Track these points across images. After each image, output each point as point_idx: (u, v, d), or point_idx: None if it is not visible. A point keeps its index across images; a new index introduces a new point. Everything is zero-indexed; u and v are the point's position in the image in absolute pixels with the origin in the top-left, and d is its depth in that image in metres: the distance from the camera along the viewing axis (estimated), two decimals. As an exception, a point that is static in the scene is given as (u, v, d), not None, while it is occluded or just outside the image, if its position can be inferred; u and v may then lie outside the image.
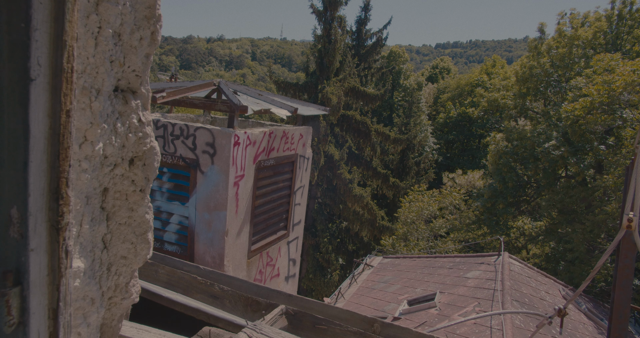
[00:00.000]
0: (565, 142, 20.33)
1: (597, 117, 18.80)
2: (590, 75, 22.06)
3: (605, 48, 27.01)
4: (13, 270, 0.79)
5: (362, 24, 28.59)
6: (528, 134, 22.79)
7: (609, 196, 17.88)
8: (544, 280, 13.14)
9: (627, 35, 27.55)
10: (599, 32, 27.21)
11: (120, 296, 1.20)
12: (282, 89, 22.99)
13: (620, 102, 19.14)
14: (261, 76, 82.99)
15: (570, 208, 19.25)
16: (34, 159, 0.75)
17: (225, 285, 2.55)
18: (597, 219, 16.16)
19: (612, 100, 18.74)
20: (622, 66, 19.76)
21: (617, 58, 20.80)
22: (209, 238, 5.42)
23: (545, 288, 12.36)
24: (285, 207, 6.70)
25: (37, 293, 0.81)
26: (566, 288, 13.10)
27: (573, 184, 20.16)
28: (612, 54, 21.29)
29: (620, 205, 2.46)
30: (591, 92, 19.08)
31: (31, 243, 0.78)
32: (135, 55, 1.00)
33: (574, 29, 27.35)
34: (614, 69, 20.02)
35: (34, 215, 0.78)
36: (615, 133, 20.31)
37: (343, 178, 21.42)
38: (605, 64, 21.18)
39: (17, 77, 0.71)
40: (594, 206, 17.65)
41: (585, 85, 20.92)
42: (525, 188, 23.15)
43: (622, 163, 17.38)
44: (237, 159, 5.29)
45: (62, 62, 0.75)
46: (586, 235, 16.52)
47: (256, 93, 6.30)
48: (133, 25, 0.99)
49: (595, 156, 19.17)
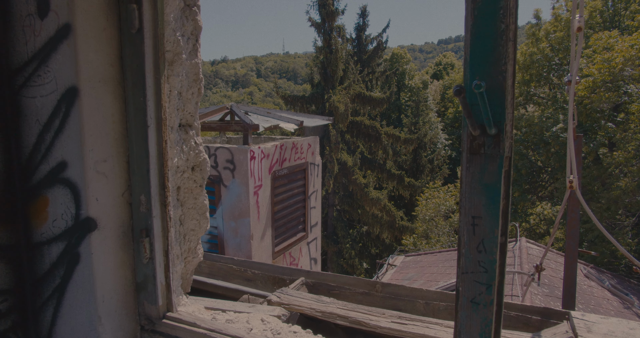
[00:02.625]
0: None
1: (601, 95, 19.01)
2: (591, 55, 22.16)
3: (604, 26, 27.09)
4: (145, 228, 1.47)
5: (361, 30, 29.20)
6: (536, 120, 23.00)
7: (623, 172, 18.02)
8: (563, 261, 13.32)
9: (625, 11, 27.61)
10: (594, 11, 27.32)
11: (191, 256, 1.87)
12: (290, 103, 23.64)
13: (624, 78, 19.27)
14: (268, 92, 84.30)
15: (586, 188, 19.42)
16: (152, 168, 1.43)
17: (256, 269, 3.20)
18: (611, 196, 16.35)
19: (614, 77, 18.93)
20: (620, 42, 19.92)
21: (616, 35, 20.98)
22: (237, 243, 6.11)
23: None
24: (302, 211, 7.37)
25: (157, 241, 1.49)
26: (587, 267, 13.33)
27: (587, 164, 20.32)
28: (610, 32, 21.52)
29: (633, 179, 3.07)
30: (592, 72, 19.32)
31: (153, 213, 1.46)
32: (190, 104, 1.67)
33: (569, 12, 27.45)
34: (613, 46, 20.18)
35: (153, 197, 1.46)
36: (623, 108, 20.40)
37: (358, 183, 21.93)
38: (604, 42, 21.32)
39: (140, 125, 1.40)
40: (608, 183, 17.82)
41: (586, 65, 21.11)
42: (540, 174, 23.34)
43: (632, 138, 17.53)
44: (254, 171, 5.98)
45: (160, 115, 1.43)
46: (603, 213, 16.71)
47: (265, 111, 7.02)
48: (187, 86, 1.66)
49: (605, 134, 19.32)
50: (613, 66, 18.82)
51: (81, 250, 1.41)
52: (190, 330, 1.46)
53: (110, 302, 1.48)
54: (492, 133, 0.95)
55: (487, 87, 0.95)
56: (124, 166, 1.47)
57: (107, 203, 1.42)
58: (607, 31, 22.68)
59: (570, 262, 2.76)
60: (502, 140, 0.96)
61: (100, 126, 1.37)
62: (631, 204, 16.57)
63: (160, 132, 1.43)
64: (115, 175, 1.44)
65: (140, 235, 1.46)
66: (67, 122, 1.34)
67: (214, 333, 1.42)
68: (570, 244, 2.81)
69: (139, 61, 1.37)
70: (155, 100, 1.41)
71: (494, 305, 1.01)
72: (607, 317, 2.27)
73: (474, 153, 0.99)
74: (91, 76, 1.33)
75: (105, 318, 1.46)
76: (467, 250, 1.01)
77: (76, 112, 1.32)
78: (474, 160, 0.99)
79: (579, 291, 9.51)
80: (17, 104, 1.42)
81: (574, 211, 2.83)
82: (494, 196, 0.98)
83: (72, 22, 1.28)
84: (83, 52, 1.31)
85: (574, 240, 2.80)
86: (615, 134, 18.75)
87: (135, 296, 1.55)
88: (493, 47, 0.96)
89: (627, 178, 16.63)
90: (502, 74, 0.96)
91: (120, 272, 1.51)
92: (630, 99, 19.01)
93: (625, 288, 12.99)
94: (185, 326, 1.48)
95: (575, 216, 2.84)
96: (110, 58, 1.39)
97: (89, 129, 1.34)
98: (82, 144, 1.33)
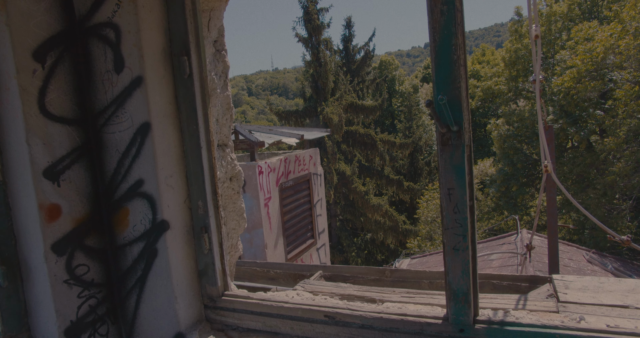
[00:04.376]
0: (562, 114, 21.01)
1: (586, 85, 19.55)
2: (573, 46, 22.67)
3: (583, 18, 27.73)
4: (204, 226, 1.90)
5: (348, 41, 29.80)
6: (526, 114, 23.49)
7: (615, 157, 18.44)
8: (566, 249, 13.68)
9: (603, 1, 28.31)
10: (573, 4, 28.00)
11: (234, 250, 2.29)
12: (284, 119, 24.09)
13: (607, 66, 19.76)
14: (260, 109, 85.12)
15: (582, 176, 19.85)
16: (206, 179, 1.87)
17: (277, 269, 3.62)
18: (606, 181, 16.78)
19: (597, 66, 19.46)
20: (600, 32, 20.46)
21: (595, 25, 21.61)
22: (252, 253, 6.51)
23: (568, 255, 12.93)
24: (309, 219, 7.78)
25: (214, 235, 1.92)
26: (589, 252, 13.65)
27: (579, 152, 20.76)
28: (590, 23, 22.17)
29: (627, 163, 3.50)
30: (575, 63, 19.87)
31: (209, 214, 1.89)
32: (225, 127, 2.11)
33: (548, 7, 28.11)
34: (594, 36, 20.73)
35: (208, 202, 1.89)
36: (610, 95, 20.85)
37: (358, 191, 22.29)
38: (584, 33, 21.90)
39: (195, 146, 1.84)
40: (602, 169, 18.28)
41: (569, 57, 21.66)
42: (537, 166, 23.82)
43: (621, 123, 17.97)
44: (263, 185, 6.40)
45: (209, 138, 1.87)
46: (601, 199, 17.12)
47: (267, 129, 7.48)
48: (222, 113, 2.10)
49: (595, 122, 19.79)
50: (595, 55, 19.33)
51: (158, 246, 1.84)
52: (245, 302, 1.88)
53: (182, 285, 1.90)
54: (454, 129, 1.39)
55: (448, 99, 1.39)
56: (184, 180, 1.90)
57: (175, 208, 1.86)
58: (587, 22, 23.31)
59: (552, 235, 3.18)
60: (462, 134, 1.40)
61: (166, 150, 1.81)
62: (627, 187, 16.98)
63: (210, 151, 1.87)
64: (179, 187, 1.88)
65: (201, 232, 1.89)
66: (143, 149, 1.77)
67: (264, 302, 1.84)
68: (550, 220, 3.24)
69: (191, 98, 1.82)
70: (205, 127, 1.85)
71: (469, 249, 1.44)
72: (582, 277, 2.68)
73: (444, 144, 1.43)
74: (158, 113, 1.78)
75: (179, 298, 1.88)
76: (446, 212, 1.44)
77: (149, 141, 1.76)
78: (444, 149, 1.43)
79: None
80: (99, 139, 1.86)
81: (551, 192, 3.26)
82: (461, 173, 1.41)
83: (143, 75, 1.73)
84: (151, 95, 1.75)
85: (554, 216, 3.23)
86: (604, 121, 19.20)
87: (198, 281, 1.97)
88: (450, 71, 1.41)
89: (621, 162, 17.08)
90: (457, 90, 1.40)
91: (187, 262, 1.93)
92: (616, 85, 19.50)
93: (628, 270, 13.31)
94: (241, 299, 1.90)
95: (553, 196, 3.27)
96: (169, 98, 1.83)
97: (159, 153, 1.78)
98: (156, 165, 1.77)
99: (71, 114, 1.81)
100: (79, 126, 1.84)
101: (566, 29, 26.72)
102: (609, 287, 2.51)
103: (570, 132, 19.96)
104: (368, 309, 1.68)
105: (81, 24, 1.82)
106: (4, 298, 1.71)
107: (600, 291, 2.45)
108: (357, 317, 1.65)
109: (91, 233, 1.88)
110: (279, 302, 1.86)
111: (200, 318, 1.98)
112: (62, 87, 1.78)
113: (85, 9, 1.80)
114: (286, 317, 1.78)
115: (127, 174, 1.83)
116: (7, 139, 1.69)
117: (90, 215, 1.88)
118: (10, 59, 1.62)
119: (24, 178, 1.69)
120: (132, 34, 1.73)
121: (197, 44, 1.83)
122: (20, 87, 1.64)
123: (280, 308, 1.80)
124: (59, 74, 1.77)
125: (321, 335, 1.72)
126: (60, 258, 1.76)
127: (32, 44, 1.68)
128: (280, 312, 1.80)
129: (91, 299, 1.87)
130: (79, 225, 1.83)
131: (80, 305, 1.83)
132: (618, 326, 1.42)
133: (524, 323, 1.42)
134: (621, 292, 2.39)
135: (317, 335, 1.73)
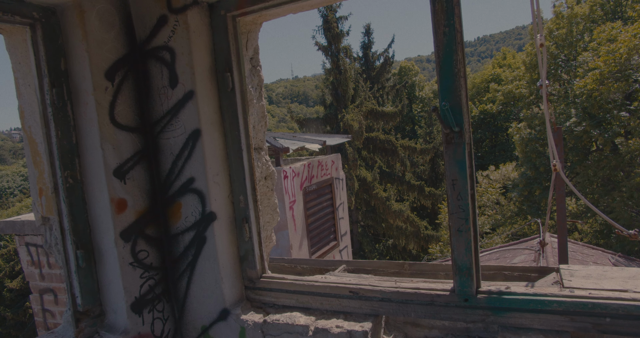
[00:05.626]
0: (585, 116, 20.78)
1: (610, 86, 19.32)
2: (596, 48, 22.39)
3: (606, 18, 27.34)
4: (244, 217, 2.21)
5: (367, 48, 30.08)
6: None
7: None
8: (591, 252, 13.56)
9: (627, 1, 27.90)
10: (595, 5, 27.66)
11: (268, 241, 2.60)
12: (305, 126, 24.45)
13: (632, 67, 19.47)
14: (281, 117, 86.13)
15: (608, 179, 19.57)
16: (246, 177, 2.19)
17: (304, 264, 3.91)
18: (632, 183, 16.58)
19: (621, 67, 19.22)
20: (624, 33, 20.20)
21: (619, 26, 21.36)
22: (279, 253, 6.82)
23: (593, 258, 12.84)
24: (332, 222, 8.07)
25: (253, 225, 2.23)
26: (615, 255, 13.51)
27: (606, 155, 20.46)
28: (613, 23, 21.94)
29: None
30: (598, 64, 19.68)
31: (249, 207, 2.21)
32: (260, 133, 2.42)
33: (569, 8, 27.81)
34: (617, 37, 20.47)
35: (249, 197, 2.21)
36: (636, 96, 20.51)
37: (380, 197, 22.43)
38: (607, 35, 21.64)
39: (237, 149, 2.16)
40: (627, 171, 18.02)
41: (591, 59, 21.43)
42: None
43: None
44: (288, 188, 6.73)
45: (249, 142, 2.19)
46: (627, 202, 16.89)
47: (290, 135, 7.83)
48: (258, 121, 2.42)
49: (620, 124, 19.51)
50: (618, 56, 19.08)
51: (207, 234, 2.16)
52: (280, 282, 2.18)
53: (226, 268, 2.21)
54: (456, 130, 1.67)
55: (450, 105, 1.68)
56: (227, 178, 2.22)
57: (220, 202, 2.18)
58: (610, 23, 23.03)
59: (562, 231, 3.39)
60: (463, 134, 1.68)
61: (213, 152, 2.14)
62: (654, 190, 16.69)
63: (249, 153, 2.19)
64: (224, 183, 2.20)
65: (242, 222, 2.21)
66: (194, 152, 2.10)
67: (298, 281, 2.14)
68: (560, 216, 3.45)
69: (233, 108, 2.14)
70: (245, 132, 2.17)
71: (471, 231, 1.71)
72: (587, 266, 2.90)
73: (448, 143, 1.71)
74: (206, 121, 2.11)
75: (224, 279, 2.19)
76: (451, 200, 1.72)
77: (199, 145, 2.09)
78: (448, 147, 1.71)
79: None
80: (157, 144, 2.20)
81: (560, 189, 3.47)
82: (462, 166, 1.69)
83: (194, 89, 2.07)
84: (201, 106, 2.08)
85: (562, 212, 3.44)
86: (629, 122, 18.91)
87: (240, 265, 2.29)
88: (452, 82, 1.69)
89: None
90: (458, 97, 1.68)
91: (230, 249, 2.25)
92: (642, 86, 19.12)
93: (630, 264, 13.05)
94: (277, 280, 2.20)
95: (562, 193, 3.48)
96: (215, 108, 2.16)
97: (207, 155, 2.10)
98: (205, 165, 2.10)
99: (134, 123, 2.16)
100: (140, 133, 2.19)
101: (588, 31, 26.40)
102: (612, 275, 2.73)
103: (594, 134, 19.74)
104: (387, 285, 1.96)
105: (142, 48, 2.17)
106: (83, 277, 2.05)
107: (602, 278, 2.67)
108: (377, 292, 1.94)
109: (150, 223, 2.22)
110: (310, 281, 2.15)
111: (241, 297, 2.29)
112: (127, 101, 2.13)
113: (145, 35, 2.15)
114: (316, 293, 2.07)
115: (180, 173, 2.17)
116: (84, 145, 2.04)
117: (149, 208, 2.22)
118: (89, 79, 1.97)
119: (98, 177, 2.03)
120: (184, 55, 2.07)
121: (237, 62, 2.16)
122: (96, 102, 1.99)
123: (311, 286, 2.09)
124: (125, 90, 2.12)
125: (347, 308, 2.01)
126: (127, 244, 2.10)
127: (105, 65, 2.04)
128: (311, 290, 2.09)
129: (150, 280, 2.21)
130: (140, 216, 2.17)
131: (142, 284, 2.16)
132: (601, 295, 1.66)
133: (518, 292, 1.68)
134: (622, 279, 2.60)
135: (343, 308, 2.02)
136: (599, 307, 1.58)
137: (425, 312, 1.85)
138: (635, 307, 1.54)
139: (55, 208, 2.02)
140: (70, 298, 2.07)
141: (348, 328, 1.87)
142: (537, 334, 1.65)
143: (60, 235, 2.04)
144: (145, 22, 2.14)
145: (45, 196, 2.08)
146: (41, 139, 2.01)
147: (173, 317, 2.32)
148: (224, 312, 2.19)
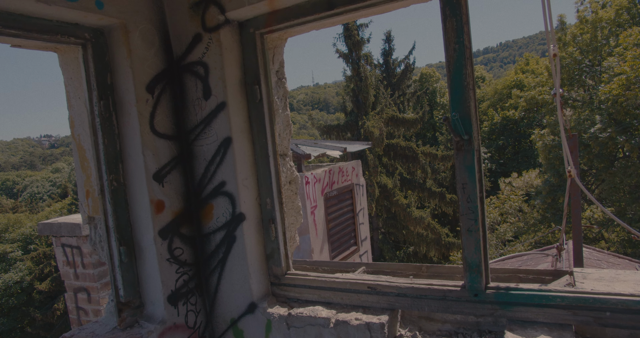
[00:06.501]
0: (611, 122, 20.40)
1: (637, 92, 18.96)
2: (622, 52, 21.98)
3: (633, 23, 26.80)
4: (271, 218, 2.40)
5: (388, 54, 30.20)
6: (572, 123, 22.91)
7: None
8: (616, 261, 13.31)
9: (654, 4, 27.30)
10: (621, 9, 27.14)
11: (292, 241, 2.77)
12: (326, 133, 24.66)
13: (660, 72, 19.04)
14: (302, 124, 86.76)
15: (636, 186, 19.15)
16: (272, 181, 2.37)
17: (325, 266, 4.06)
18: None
19: (648, 72, 18.83)
20: (652, 37, 19.77)
21: (646, 30, 20.96)
22: (300, 257, 7.00)
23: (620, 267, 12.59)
24: (352, 227, 8.21)
25: (279, 226, 2.41)
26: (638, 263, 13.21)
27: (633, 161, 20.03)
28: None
29: None
30: (624, 69, 19.34)
31: (275, 208, 2.39)
32: (285, 140, 2.61)
33: (594, 13, 27.36)
34: (644, 41, 20.06)
35: (275, 199, 2.39)
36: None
37: (400, 204, 22.42)
38: (634, 39, 21.23)
39: (264, 155, 2.35)
40: (656, 179, 17.60)
41: (617, 64, 21.05)
42: (585, 177, 23.13)
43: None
44: (310, 194, 6.91)
45: (275, 149, 2.38)
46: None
47: (312, 142, 8.03)
48: (283, 129, 2.61)
49: (648, 130, 19.09)
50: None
51: (237, 234, 2.35)
52: (304, 279, 2.35)
53: (254, 265, 2.40)
54: (465, 138, 1.83)
55: (460, 116, 1.83)
56: (255, 181, 2.41)
57: (249, 204, 2.37)
58: (637, 27, 22.60)
59: (577, 235, 3.47)
60: (472, 141, 1.83)
61: (243, 158, 2.33)
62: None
63: (276, 159, 2.38)
64: (252, 187, 2.39)
65: (269, 223, 2.39)
66: (225, 158, 2.30)
67: (320, 277, 2.31)
68: (575, 221, 3.53)
69: (261, 118, 2.34)
70: (271, 140, 2.36)
71: (480, 231, 1.85)
72: (601, 269, 2.99)
73: (459, 149, 1.86)
74: (236, 130, 2.31)
75: (252, 275, 2.37)
76: (462, 202, 1.86)
77: (231, 152, 2.29)
78: (459, 153, 1.86)
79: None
80: (191, 150, 2.41)
81: (576, 195, 3.56)
82: (472, 171, 1.84)
83: (225, 100, 2.27)
84: (232, 116, 2.28)
85: (578, 217, 3.52)
86: (657, 129, 18.49)
87: (266, 262, 2.47)
88: (462, 94, 1.84)
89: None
90: (468, 108, 1.84)
91: (258, 247, 2.43)
92: (670, 92, 18.71)
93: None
94: (300, 277, 2.37)
95: (577, 199, 3.56)
96: (244, 118, 2.36)
97: (238, 161, 2.30)
98: (235, 169, 2.29)
99: (171, 132, 2.38)
100: (176, 140, 2.40)
101: (614, 35, 25.92)
102: (624, 278, 2.81)
103: (620, 141, 19.36)
104: (403, 281, 2.11)
105: (178, 63, 2.39)
106: (125, 271, 2.26)
107: (615, 281, 2.75)
108: (393, 288, 2.09)
109: (184, 223, 2.43)
110: (331, 277, 2.32)
111: (267, 292, 2.47)
112: (164, 111, 2.35)
113: (181, 51, 2.37)
114: (337, 289, 2.24)
115: (212, 177, 2.37)
116: (127, 152, 2.26)
117: (183, 209, 2.42)
118: (132, 92, 2.19)
119: (140, 181, 2.25)
120: (217, 70, 2.28)
121: (265, 75, 2.35)
122: (138, 112, 2.21)
123: (333, 283, 2.26)
124: (162, 101, 2.34)
125: (365, 302, 2.16)
126: (164, 242, 2.30)
127: (146, 80, 2.26)
128: (332, 286, 2.25)
129: (184, 275, 2.41)
130: (176, 216, 2.38)
131: (177, 279, 2.36)
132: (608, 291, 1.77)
133: (525, 288, 1.81)
134: (634, 281, 2.68)
135: (362, 303, 2.17)
136: (599, 301, 1.70)
137: (438, 306, 1.99)
138: (633, 301, 1.65)
139: (101, 208, 2.24)
140: (113, 290, 2.28)
141: (366, 320, 2.03)
142: (542, 327, 1.77)
143: (105, 232, 2.26)
144: (181, 40, 2.36)
145: (92, 198, 2.31)
146: (89, 146, 2.24)
147: (204, 309, 2.51)
148: (252, 305, 2.37)
